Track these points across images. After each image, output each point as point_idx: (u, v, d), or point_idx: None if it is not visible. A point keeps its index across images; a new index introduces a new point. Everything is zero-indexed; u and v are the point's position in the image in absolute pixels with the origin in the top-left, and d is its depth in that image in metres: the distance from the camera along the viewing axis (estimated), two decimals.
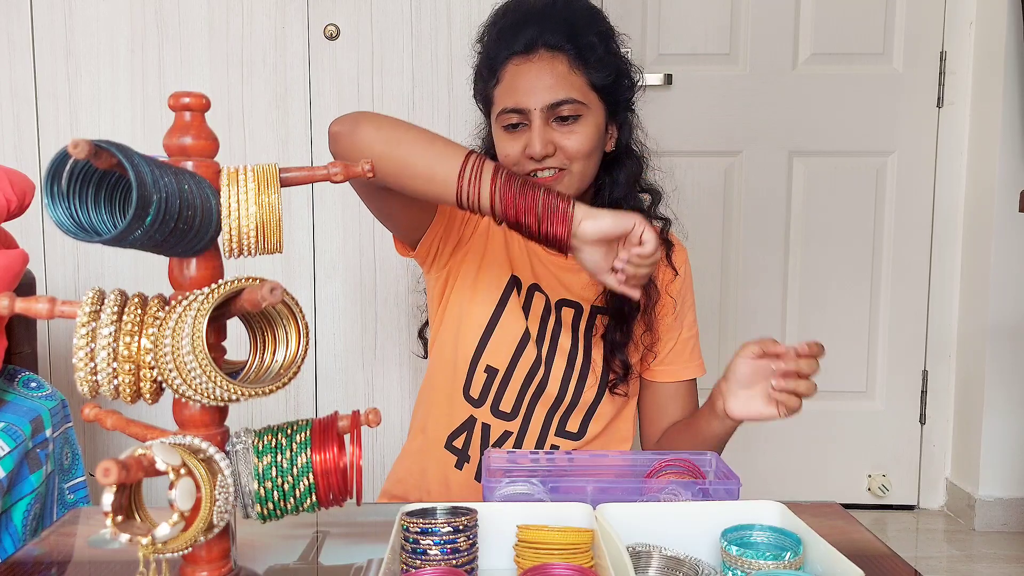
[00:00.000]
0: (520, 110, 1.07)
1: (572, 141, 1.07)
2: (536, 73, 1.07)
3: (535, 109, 1.06)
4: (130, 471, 0.52)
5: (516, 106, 1.07)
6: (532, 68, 1.07)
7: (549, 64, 1.07)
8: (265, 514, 0.64)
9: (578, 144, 1.07)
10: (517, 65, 1.08)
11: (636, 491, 0.83)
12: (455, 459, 1.16)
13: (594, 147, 1.10)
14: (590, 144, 1.09)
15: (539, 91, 1.06)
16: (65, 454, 1.36)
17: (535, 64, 1.07)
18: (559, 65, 1.07)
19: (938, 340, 2.32)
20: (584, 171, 1.10)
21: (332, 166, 0.65)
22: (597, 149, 1.11)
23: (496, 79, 1.10)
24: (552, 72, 1.07)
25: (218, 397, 0.59)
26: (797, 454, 2.35)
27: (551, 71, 1.07)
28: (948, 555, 2.08)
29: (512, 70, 1.08)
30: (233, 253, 0.62)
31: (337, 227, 1.87)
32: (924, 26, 2.23)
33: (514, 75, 1.08)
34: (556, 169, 1.08)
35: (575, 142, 1.07)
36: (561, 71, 1.07)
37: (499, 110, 1.09)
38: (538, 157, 1.06)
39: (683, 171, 2.28)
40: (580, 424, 1.15)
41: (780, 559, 0.67)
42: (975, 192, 2.24)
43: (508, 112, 1.08)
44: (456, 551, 0.68)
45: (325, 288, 1.89)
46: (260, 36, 1.82)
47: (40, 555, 0.79)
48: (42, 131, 1.82)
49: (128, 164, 0.52)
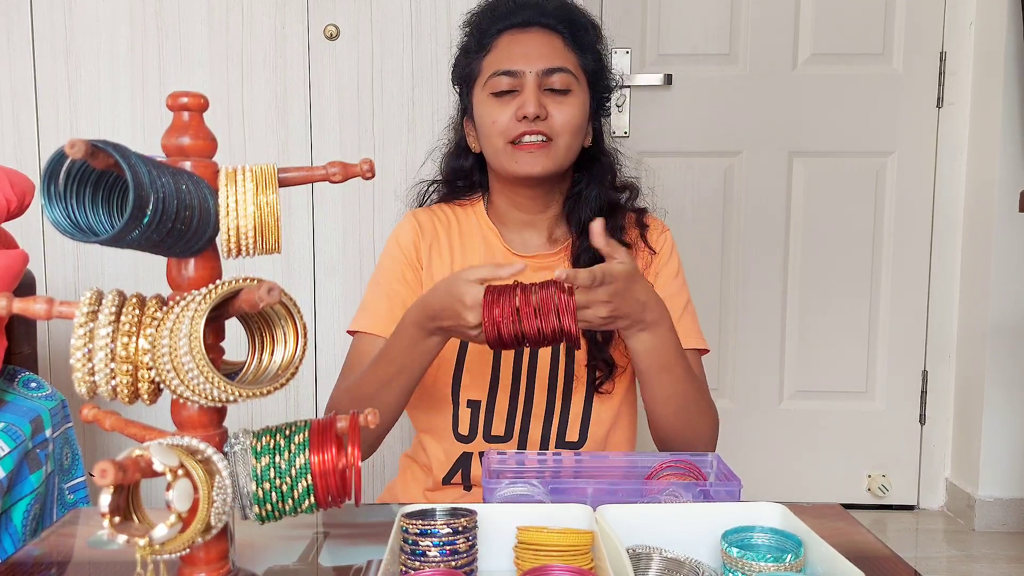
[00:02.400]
0: (514, 72, 1.06)
1: (563, 111, 1.07)
2: (533, 42, 1.08)
3: (529, 72, 1.06)
4: (127, 472, 0.52)
5: (511, 68, 1.07)
6: (529, 38, 1.08)
7: (546, 37, 1.09)
8: (263, 515, 0.64)
9: (568, 116, 1.07)
10: (512, 35, 1.09)
11: (636, 492, 0.83)
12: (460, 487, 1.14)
13: (580, 125, 1.10)
14: (577, 120, 1.09)
15: (534, 57, 1.07)
16: (65, 454, 1.36)
17: (531, 35, 1.08)
18: (555, 40, 1.09)
19: (938, 340, 2.32)
20: (569, 147, 1.09)
21: (331, 166, 0.64)
22: (581, 130, 1.11)
23: (486, 50, 1.10)
24: (549, 43, 1.08)
25: (216, 398, 0.58)
26: (797, 454, 2.35)
27: (547, 42, 1.08)
28: (948, 555, 2.08)
29: (507, 39, 1.09)
30: (231, 253, 0.61)
31: (337, 227, 1.87)
32: (924, 26, 2.23)
33: (508, 43, 1.09)
34: (544, 138, 1.07)
35: (565, 113, 1.07)
36: (557, 45, 1.09)
37: (490, 73, 1.08)
38: (531, 116, 1.05)
39: (683, 171, 2.28)
40: (579, 432, 1.13)
41: (781, 561, 0.66)
42: (975, 192, 2.24)
43: (500, 75, 1.07)
44: (455, 552, 0.68)
45: (325, 288, 1.89)
46: (260, 36, 1.82)
47: (40, 555, 0.79)
48: (42, 131, 1.82)
49: (125, 164, 0.51)
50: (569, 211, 1.16)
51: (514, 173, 1.09)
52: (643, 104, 2.24)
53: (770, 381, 2.35)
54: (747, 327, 2.32)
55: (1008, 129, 2.11)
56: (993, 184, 2.15)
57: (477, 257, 1.16)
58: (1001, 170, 2.13)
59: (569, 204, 1.16)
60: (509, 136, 1.07)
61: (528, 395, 1.12)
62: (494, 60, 1.09)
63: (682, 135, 2.25)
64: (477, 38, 1.12)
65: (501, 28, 1.09)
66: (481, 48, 1.11)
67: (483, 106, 1.10)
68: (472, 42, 1.13)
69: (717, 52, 2.24)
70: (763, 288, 2.31)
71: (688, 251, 2.28)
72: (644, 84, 2.22)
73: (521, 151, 1.07)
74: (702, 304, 2.33)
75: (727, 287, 2.31)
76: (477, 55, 1.11)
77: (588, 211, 1.12)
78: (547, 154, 1.07)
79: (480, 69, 1.11)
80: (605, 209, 1.13)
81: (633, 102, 2.23)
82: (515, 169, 1.08)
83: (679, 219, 2.25)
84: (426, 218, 1.18)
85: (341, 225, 1.87)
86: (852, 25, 2.23)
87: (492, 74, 1.08)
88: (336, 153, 1.85)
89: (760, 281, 2.31)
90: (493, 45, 1.10)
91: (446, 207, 1.20)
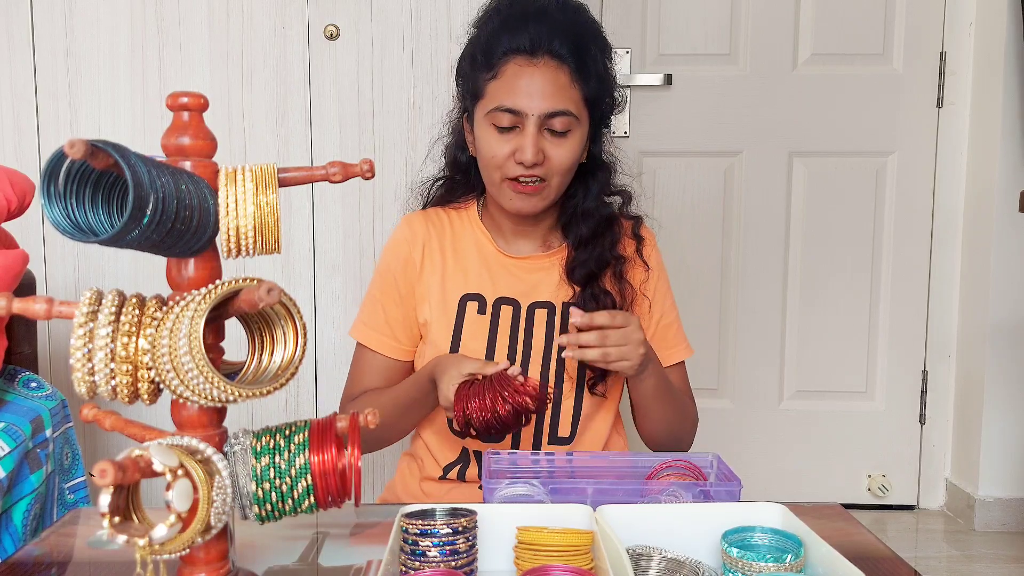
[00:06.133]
0: (517, 112, 1.06)
1: (560, 153, 1.08)
2: (538, 78, 1.06)
3: (532, 115, 1.06)
4: (127, 472, 0.52)
5: (514, 107, 1.06)
6: (536, 72, 1.06)
7: (553, 72, 1.07)
8: (263, 515, 0.64)
9: (565, 157, 1.09)
10: (520, 65, 1.07)
11: (636, 493, 0.83)
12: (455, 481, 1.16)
13: (575, 163, 1.11)
14: (574, 159, 1.10)
15: (538, 97, 1.06)
16: (65, 454, 1.36)
17: (539, 69, 1.06)
18: (561, 76, 1.07)
19: (938, 340, 2.32)
20: (560, 185, 1.12)
21: (331, 166, 0.64)
22: (576, 164, 1.12)
23: (493, 73, 1.09)
24: (555, 81, 1.07)
25: (215, 398, 0.58)
26: (797, 454, 2.35)
27: (554, 80, 1.06)
28: (948, 555, 2.08)
29: (514, 69, 1.07)
30: (231, 253, 0.61)
31: (337, 227, 1.87)
32: (924, 26, 2.23)
33: (515, 75, 1.07)
34: (538, 180, 1.08)
35: (563, 155, 1.08)
36: (563, 82, 1.07)
37: (493, 107, 1.08)
38: (528, 164, 1.06)
39: (683, 171, 2.28)
40: (571, 427, 1.15)
41: (781, 561, 0.66)
42: (975, 192, 2.24)
43: (503, 111, 1.07)
44: (455, 553, 0.68)
45: (325, 288, 1.89)
46: (260, 36, 1.82)
47: (40, 555, 0.79)
48: (42, 131, 1.82)
49: (125, 164, 0.51)
50: (565, 223, 1.18)
51: (506, 208, 1.13)
52: (643, 104, 2.24)
53: (770, 381, 2.35)
54: (747, 327, 2.32)
55: (1008, 129, 2.11)
56: (993, 184, 2.14)
57: (471, 262, 1.17)
58: (1001, 170, 2.13)
59: (564, 216, 1.17)
60: (506, 174, 1.09)
61: None
62: (498, 90, 1.08)
63: (682, 135, 2.25)
64: (484, 51, 1.10)
65: (508, 50, 1.07)
66: (488, 67, 1.09)
67: (484, 132, 1.10)
68: (479, 53, 1.11)
69: (717, 52, 2.24)
70: (763, 288, 2.31)
71: (688, 251, 2.30)
72: (644, 84, 2.22)
73: (515, 192, 1.10)
74: (702, 304, 2.34)
75: (727, 287, 2.31)
76: (483, 74, 1.10)
77: (585, 228, 1.15)
78: (539, 195, 1.10)
79: (485, 92, 1.10)
80: (602, 224, 1.16)
81: (633, 102, 2.23)
82: (508, 206, 1.12)
83: (679, 219, 2.25)
84: (420, 223, 1.19)
85: (341, 225, 1.87)
86: (852, 25, 2.23)
87: (495, 108, 1.07)
88: (336, 153, 1.85)
89: (760, 281, 2.31)
90: (500, 71, 1.08)
91: (441, 211, 1.21)
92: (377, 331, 1.18)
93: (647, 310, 1.18)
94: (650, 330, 1.18)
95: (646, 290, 1.18)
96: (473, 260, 1.17)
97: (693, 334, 1.28)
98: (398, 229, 1.21)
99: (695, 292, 2.26)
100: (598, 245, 1.14)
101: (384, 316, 1.18)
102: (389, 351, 1.18)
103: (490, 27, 1.12)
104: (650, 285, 1.19)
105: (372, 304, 1.20)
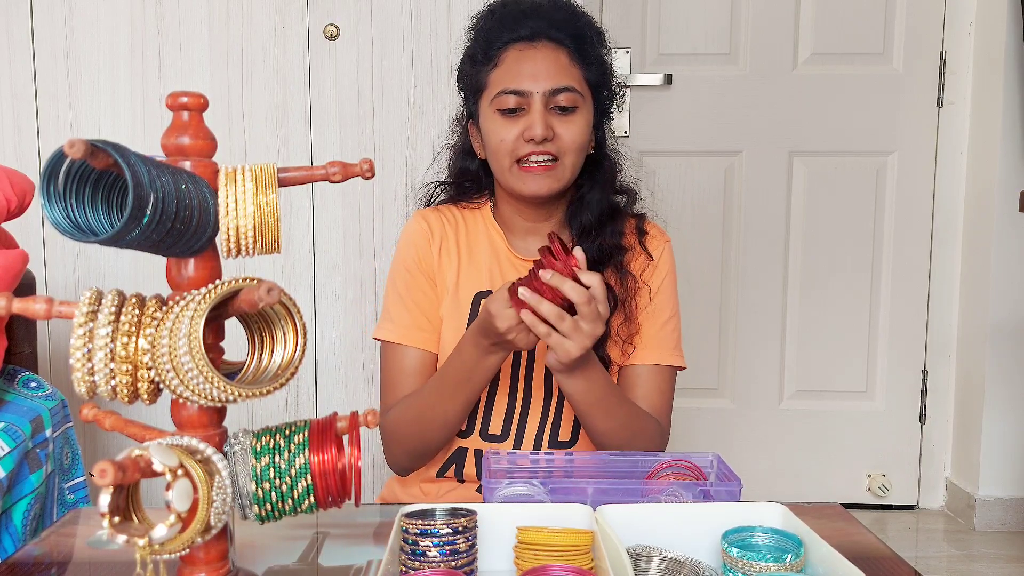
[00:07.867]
0: (521, 92, 1.06)
1: (569, 130, 1.08)
2: (540, 59, 1.07)
3: (537, 92, 1.06)
4: (126, 472, 0.52)
5: (518, 88, 1.06)
6: (537, 54, 1.08)
7: (552, 53, 1.08)
8: (263, 515, 0.64)
9: (574, 134, 1.08)
10: (520, 50, 1.08)
11: (637, 492, 0.83)
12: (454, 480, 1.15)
13: (585, 141, 1.11)
14: (583, 137, 1.09)
15: (542, 76, 1.07)
16: (65, 454, 1.36)
17: (539, 51, 1.08)
18: (562, 56, 1.09)
19: (938, 340, 2.32)
20: (574, 165, 1.10)
21: (331, 165, 0.64)
22: (586, 145, 1.12)
23: (494, 62, 1.09)
24: (556, 61, 1.08)
25: (215, 398, 0.58)
26: (797, 454, 2.35)
27: (554, 59, 1.08)
28: (948, 555, 2.08)
29: (514, 54, 1.08)
30: (231, 253, 0.61)
31: (337, 227, 1.87)
32: (924, 26, 2.23)
33: (516, 59, 1.08)
34: (550, 158, 1.08)
35: (572, 132, 1.08)
36: (563, 62, 1.08)
37: (497, 91, 1.08)
38: (538, 139, 1.06)
39: (683, 171, 2.28)
40: (571, 432, 1.14)
41: (781, 561, 0.66)
42: (975, 192, 2.24)
43: (507, 94, 1.07)
44: (455, 552, 0.68)
45: (325, 288, 1.89)
46: (260, 36, 1.82)
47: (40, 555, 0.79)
48: (42, 131, 1.82)
49: (124, 164, 0.51)
50: (571, 216, 1.17)
51: (520, 193, 1.11)
52: (643, 104, 2.24)
53: (770, 381, 2.35)
54: (747, 327, 2.32)
55: (1008, 129, 2.11)
56: (993, 184, 2.14)
57: (484, 260, 1.17)
58: (1001, 170, 2.13)
59: (572, 209, 1.17)
60: (516, 156, 1.08)
61: (526, 395, 1.13)
62: (501, 76, 1.09)
63: (682, 135, 2.25)
64: (483, 47, 1.11)
65: (508, 40, 1.09)
66: (488, 60, 1.10)
67: (490, 122, 1.10)
68: (478, 51, 1.12)
69: (717, 52, 2.24)
70: (763, 288, 2.31)
71: (688, 251, 2.30)
72: (644, 84, 2.22)
73: (528, 172, 1.08)
74: (702, 304, 2.34)
75: (727, 287, 2.31)
76: (484, 67, 1.11)
77: (589, 216, 1.14)
78: (553, 175, 1.09)
79: (487, 83, 1.10)
80: (606, 214, 1.15)
81: (633, 102, 2.23)
82: (522, 189, 1.10)
83: (679, 219, 2.25)
84: (435, 219, 1.18)
85: (341, 225, 1.87)
86: (852, 25, 2.23)
87: (499, 92, 1.08)
88: (336, 153, 1.85)
89: (760, 281, 2.31)
90: (500, 60, 1.09)
91: (453, 208, 1.21)
92: (405, 326, 1.14)
93: (647, 300, 1.17)
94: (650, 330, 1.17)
95: (648, 279, 1.17)
96: (486, 258, 1.17)
97: (693, 334, 1.28)
98: (413, 223, 1.19)
99: (695, 292, 2.26)
100: (601, 234, 1.14)
101: (410, 314, 1.14)
102: (422, 343, 1.13)
103: (487, 26, 1.13)
104: (657, 277, 1.17)
105: (396, 301, 1.16)
